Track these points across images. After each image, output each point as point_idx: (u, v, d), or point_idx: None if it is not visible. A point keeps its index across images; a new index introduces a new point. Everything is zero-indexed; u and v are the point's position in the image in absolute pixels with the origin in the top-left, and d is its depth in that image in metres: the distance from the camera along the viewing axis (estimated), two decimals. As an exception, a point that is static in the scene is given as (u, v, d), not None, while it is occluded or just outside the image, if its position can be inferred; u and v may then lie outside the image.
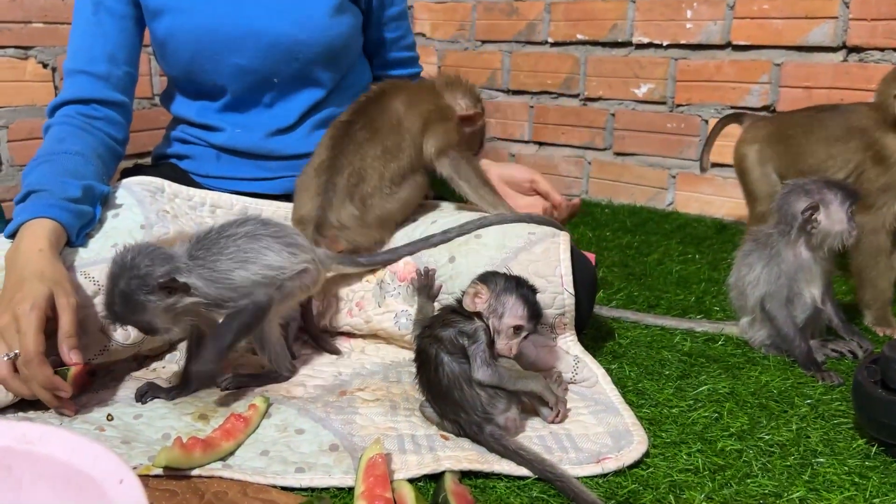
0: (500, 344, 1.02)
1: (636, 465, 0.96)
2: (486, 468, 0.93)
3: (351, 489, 0.88)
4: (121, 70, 1.36)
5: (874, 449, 1.00)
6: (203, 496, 0.87)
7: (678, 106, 2.31)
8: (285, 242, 1.14)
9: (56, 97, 1.34)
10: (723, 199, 2.26)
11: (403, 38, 1.57)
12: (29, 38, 2.00)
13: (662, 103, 2.33)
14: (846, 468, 0.96)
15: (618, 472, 0.94)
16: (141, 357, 1.24)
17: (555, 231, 1.22)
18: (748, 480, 0.93)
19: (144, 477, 0.89)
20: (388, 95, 1.35)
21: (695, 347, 1.34)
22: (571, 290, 1.16)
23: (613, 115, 2.45)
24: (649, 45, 2.32)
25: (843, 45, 1.99)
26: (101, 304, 1.06)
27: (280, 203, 1.41)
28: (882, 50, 1.95)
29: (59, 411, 1.05)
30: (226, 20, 1.35)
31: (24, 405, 1.06)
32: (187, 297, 1.03)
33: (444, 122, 1.36)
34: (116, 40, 1.36)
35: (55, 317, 1.02)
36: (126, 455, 0.94)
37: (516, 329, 1.02)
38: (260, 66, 1.37)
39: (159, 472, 0.90)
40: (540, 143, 2.63)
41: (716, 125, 1.83)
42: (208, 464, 0.92)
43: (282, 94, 1.42)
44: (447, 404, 1.01)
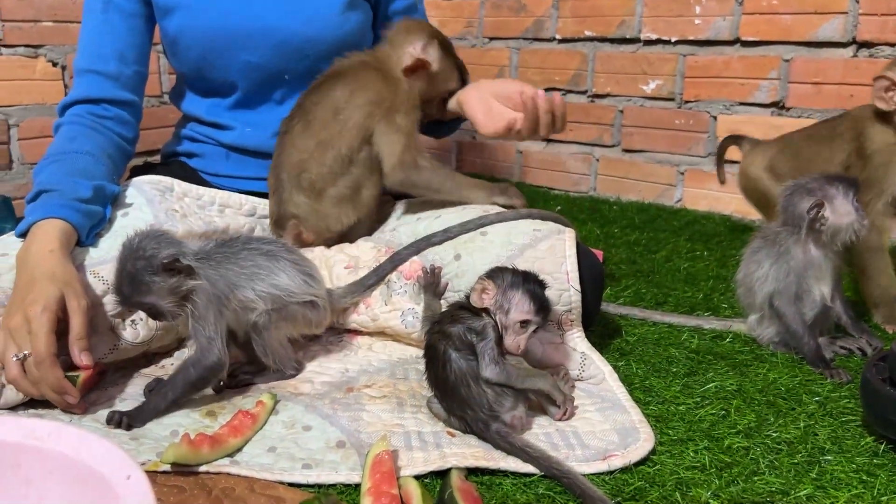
0: (508, 340, 1.01)
1: (643, 462, 0.96)
2: (492, 465, 0.93)
3: (357, 486, 0.89)
4: (130, 69, 1.37)
5: (882, 447, 1.00)
6: (210, 492, 0.87)
7: (686, 102, 2.30)
8: (302, 270, 1.15)
9: (66, 96, 1.35)
10: (731, 196, 2.24)
11: None
12: (39, 37, 2.02)
13: (671, 100, 2.33)
14: (854, 466, 0.96)
15: (624, 470, 0.94)
16: (150, 355, 1.24)
17: (560, 228, 1.22)
18: (755, 478, 0.93)
19: (152, 473, 0.90)
20: (327, 84, 1.34)
21: (702, 345, 1.33)
22: (578, 287, 1.16)
23: (621, 111, 2.44)
24: (657, 42, 2.32)
25: (853, 41, 1.98)
26: (112, 293, 1.08)
27: None
28: (892, 45, 1.93)
29: (69, 410, 1.05)
30: (236, 17, 1.35)
31: (35, 404, 1.06)
32: (190, 280, 1.05)
33: (388, 117, 1.31)
34: (126, 39, 1.36)
35: (66, 318, 1.03)
36: (134, 451, 0.94)
37: (523, 324, 1.01)
38: (270, 62, 1.37)
39: (167, 468, 0.90)
40: (548, 140, 2.62)
41: (720, 145, 1.89)
42: (216, 460, 0.93)
43: (292, 91, 1.42)
44: (454, 401, 1.01)
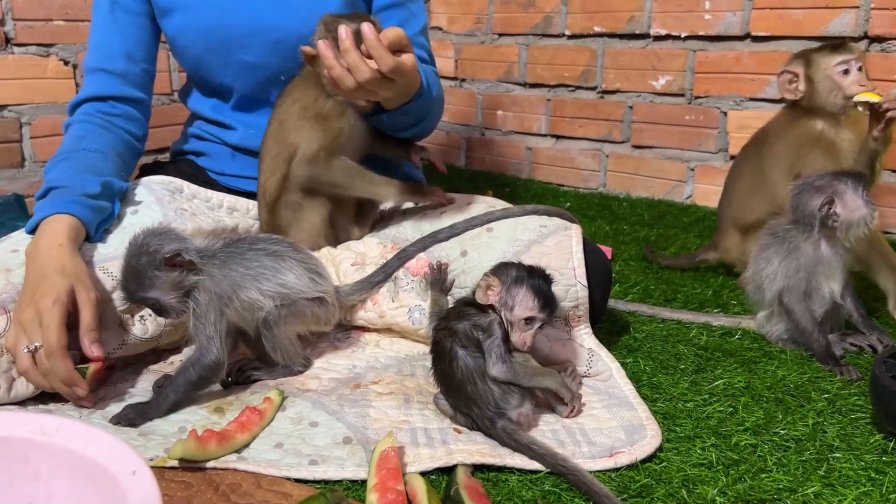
0: (515, 337, 1.01)
1: (649, 459, 0.96)
2: (498, 462, 0.93)
3: (364, 482, 0.89)
4: (138, 67, 1.38)
5: (891, 444, 1.00)
6: (218, 488, 0.88)
7: (696, 98, 2.29)
8: (309, 269, 1.16)
9: (76, 95, 1.36)
10: (742, 192, 2.23)
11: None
12: (50, 36, 2.03)
13: (681, 95, 2.31)
14: (863, 463, 0.95)
15: (631, 467, 0.94)
16: (159, 350, 1.25)
17: (567, 224, 1.21)
18: (762, 475, 0.93)
19: (160, 469, 0.91)
20: (282, 99, 1.34)
21: (711, 341, 1.33)
22: (584, 283, 1.15)
23: (631, 107, 2.43)
24: (667, 37, 2.30)
25: (865, 35, 1.96)
26: (119, 289, 1.10)
27: None
28: (905, 39, 1.92)
29: (78, 403, 1.06)
30: (233, 16, 1.35)
31: (45, 398, 1.08)
32: (192, 275, 1.07)
33: (315, 119, 1.29)
34: (133, 37, 1.37)
35: (76, 311, 1.04)
36: (143, 447, 0.95)
37: (528, 320, 1.01)
38: (268, 62, 1.37)
39: (175, 463, 0.91)
40: (557, 137, 2.62)
41: None
42: (223, 456, 0.93)
43: None
44: (460, 398, 1.01)
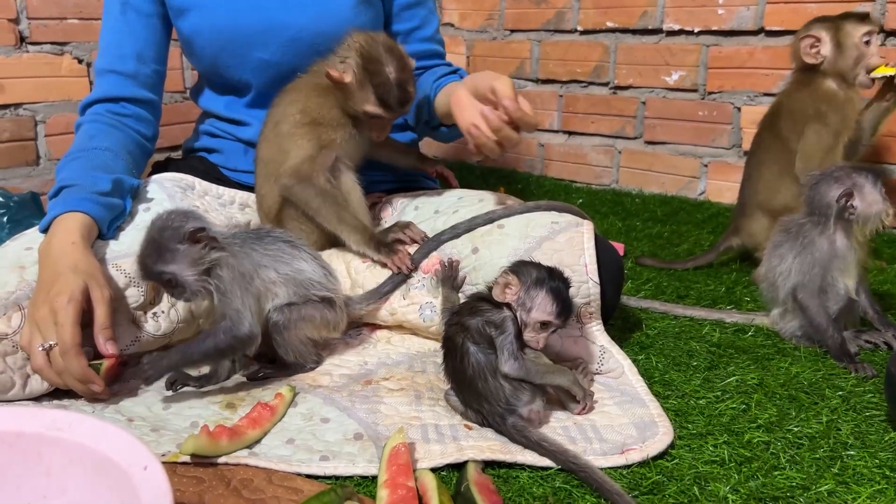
0: (528, 336, 1.01)
1: (661, 456, 0.95)
2: (509, 458, 0.93)
3: (374, 478, 0.89)
4: (149, 68, 1.39)
5: (907, 442, 0.99)
6: (229, 483, 0.88)
7: (710, 93, 2.27)
8: (322, 265, 1.18)
9: (87, 96, 1.37)
10: (756, 188, 2.21)
11: (420, 29, 1.49)
12: (64, 35, 2.04)
13: (694, 91, 2.30)
14: (877, 461, 0.94)
15: (642, 464, 0.93)
16: (172, 347, 1.25)
17: (578, 220, 1.21)
18: (775, 473, 0.92)
19: (172, 464, 0.91)
20: (280, 98, 1.35)
21: (724, 338, 1.32)
22: (596, 279, 1.15)
23: (644, 103, 2.42)
24: (680, 32, 2.29)
25: (881, 30, 1.94)
26: (136, 266, 1.09)
27: None
28: (922, 33, 1.89)
29: (92, 399, 1.07)
30: (248, 15, 1.36)
31: (60, 394, 1.09)
32: (214, 251, 1.07)
33: (309, 125, 1.30)
34: (144, 38, 1.38)
35: (90, 309, 1.05)
36: (155, 443, 0.96)
37: (543, 325, 1.00)
38: (283, 59, 1.37)
39: (187, 459, 0.91)
40: (569, 133, 2.61)
41: None
42: (235, 451, 0.94)
43: None
44: (471, 394, 1.01)
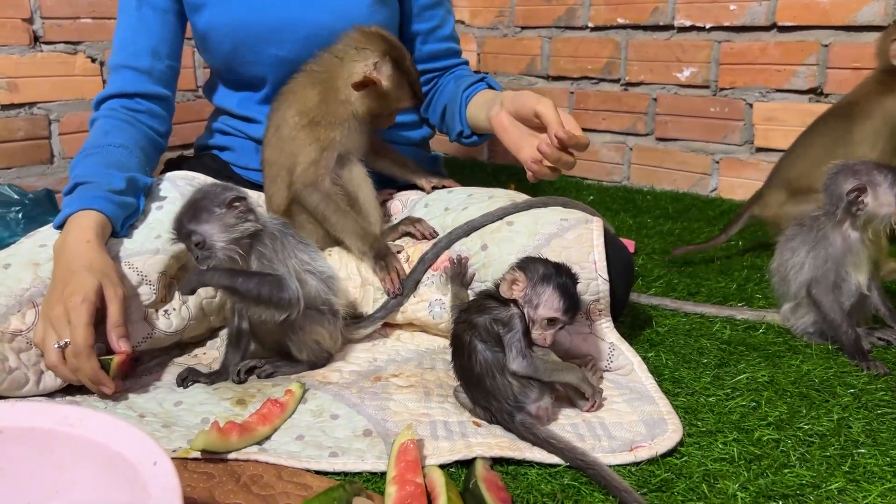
0: (535, 333, 1.00)
1: (670, 453, 0.95)
2: (517, 455, 0.93)
3: (383, 474, 0.90)
4: (163, 64, 1.39)
5: (919, 440, 0.98)
6: (239, 479, 0.89)
7: (722, 90, 2.26)
8: (333, 273, 1.21)
9: (101, 91, 1.38)
10: (768, 185, 2.20)
11: (439, 29, 1.50)
12: (77, 34, 2.06)
13: (706, 87, 2.29)
14: (888, 459, 0.94)
15: (651, 461, 0.93)
16: (184, 344, 1.27)
17: (588, 217, 1.21)
18: (785, 470, 0.92)
19: (183, 460, 0.92)
20: (279, 102, 1.35)
21: (734, 335, 1.31)
22: (605, 276, 1.15)
23: (655, 99, 2.41)
24: (692, 28, 2.28)
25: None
26: (170, 228, 1.10)
27: None
28: (937, 27, 1.87)
29: (105, 393, 1.08)
30: (264, 12, 1.36)
31: (73, 389, 1.10)
32: (248, 221, 1.09)
33: (311, 127, 1.30)
34: (159, 34, 1.39)
35: (103, 307, 1.06)
36: (166, 439, 0.97)
37: (550, 321, 1.00)
38: (299, 56, 1.38)
39: (197, 455, 0.92)
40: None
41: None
42: (244, 447, 0.94)
43: None
44: (479, 391, 1.01)
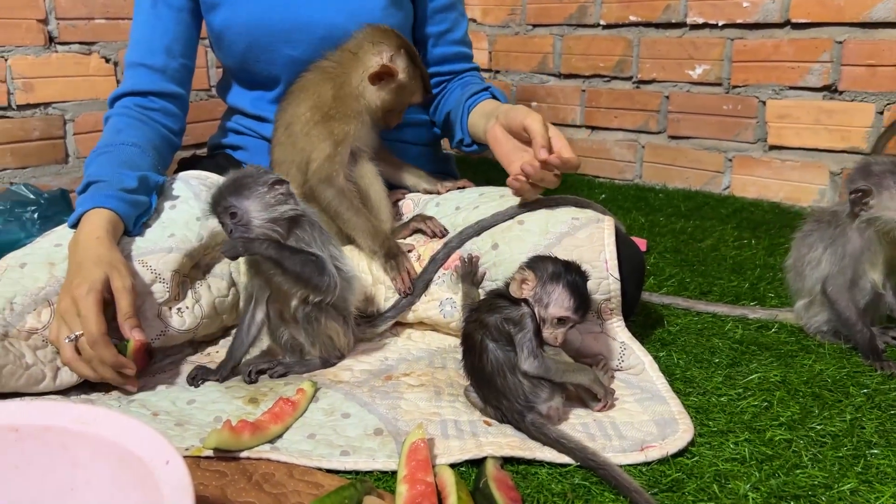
0: (546, 333, 1.00)
1: (681, 453, 0.95)
2: (528, 455, 0.93)
3: (394, 473, 0.90)
4: (177, 62, 1.40)
5: (933, 441, 0.97)
6: (251, 477, 0.89)
7: (735, 87, 2.24)
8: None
9: (116, 89, 1.39)
10: (781, 183, 2.19)
11: (450, 32, 1.50)
12: (92, 34, 2.07)
13: (718, 85, 2.28)
14: (902, 460, 0.93)
15: (662, 461, 0.93)
16: (197, 342, 1.27)
17: (599, 216, 1.20)
18: (797, 471, 0.91)
19: (195, 458, 0.93)
20: (288, 101, 1.35)
21: (747, 335, 1.31)
22: (617, 275, 1.14)
23: (668, 97, 2.40)
24: (704, 26, 2.26)
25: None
26: (208, 203, 1.13)
27: None
28: (953, 24, 1.86)
29: (123, 388, 1.09)
30: (279, 12, 1.37)
31: (87, 387, 1.11)
32: (288, 205, 1.11)
33: (325, 122, 1.29)
34: (174, 33, 1.40)
35: (113, 300, 1.06)
36: (179, 437, 0.97)
37: (561, 320, 1.00)
38: (313, 57, 1.38)
39: (210, 453, 0.93)
40: (592, 128, 2.60)
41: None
42: (256, 446, 0.95)
43: None
44: (490, 390, 1.01)
